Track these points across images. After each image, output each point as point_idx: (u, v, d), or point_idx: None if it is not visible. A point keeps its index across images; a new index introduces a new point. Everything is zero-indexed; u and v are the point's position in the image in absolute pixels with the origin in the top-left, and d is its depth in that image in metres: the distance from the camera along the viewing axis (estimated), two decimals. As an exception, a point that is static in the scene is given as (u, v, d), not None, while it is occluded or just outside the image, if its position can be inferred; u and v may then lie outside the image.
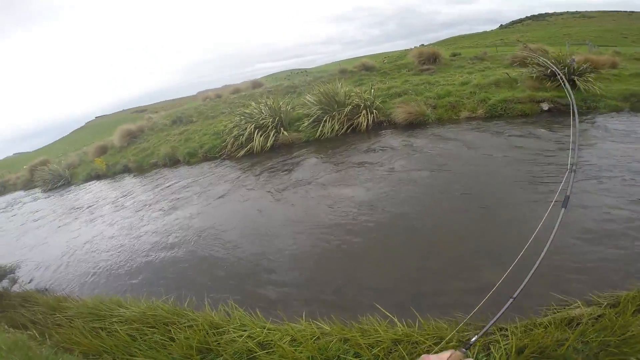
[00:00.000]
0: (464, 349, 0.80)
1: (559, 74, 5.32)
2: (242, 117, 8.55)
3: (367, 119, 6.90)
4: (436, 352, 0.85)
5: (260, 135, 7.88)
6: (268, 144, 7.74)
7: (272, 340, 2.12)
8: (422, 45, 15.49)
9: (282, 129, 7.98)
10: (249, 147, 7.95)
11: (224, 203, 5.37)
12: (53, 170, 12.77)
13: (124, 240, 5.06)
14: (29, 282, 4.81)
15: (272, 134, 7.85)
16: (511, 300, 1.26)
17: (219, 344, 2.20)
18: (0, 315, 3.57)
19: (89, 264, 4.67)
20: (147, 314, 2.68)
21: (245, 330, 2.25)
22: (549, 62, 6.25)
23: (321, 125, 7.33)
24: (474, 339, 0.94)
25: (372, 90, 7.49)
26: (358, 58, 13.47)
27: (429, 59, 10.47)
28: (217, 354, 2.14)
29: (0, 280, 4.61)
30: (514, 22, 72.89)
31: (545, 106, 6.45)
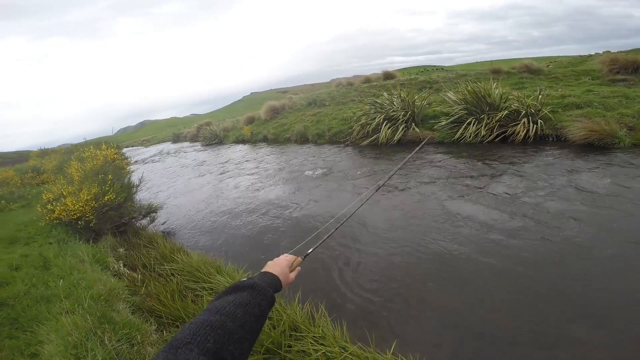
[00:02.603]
0: (303, 257, 1.01)
1: None
2: (372, 107, 8.47)
3: (528, 129, 5.64)
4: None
5: (388, 128, 7.67)
6: (395, 138, 7.46)
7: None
8: (607, 51, 12.04)
9: (413, 124, 7.54)
10: (374, 137, 7.87)
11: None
12: (212, 130, 16.31)
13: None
14: (162, 224, 5.22)
15: (401, 127, 7.52)
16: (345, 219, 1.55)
17: (289, 350, 1.96)
18: (126, 252, 3.84)
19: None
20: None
21: (322, 345, 1.96)
22: None
23: (463, 127, 6.49)
24: (310, 250, 1.10)
25: (540, 96, 6.07)
26: (515, 59, 11.42)
27: (627, 68, 7.83)
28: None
29: (143, 218, 5.12)
30: None
31: None
